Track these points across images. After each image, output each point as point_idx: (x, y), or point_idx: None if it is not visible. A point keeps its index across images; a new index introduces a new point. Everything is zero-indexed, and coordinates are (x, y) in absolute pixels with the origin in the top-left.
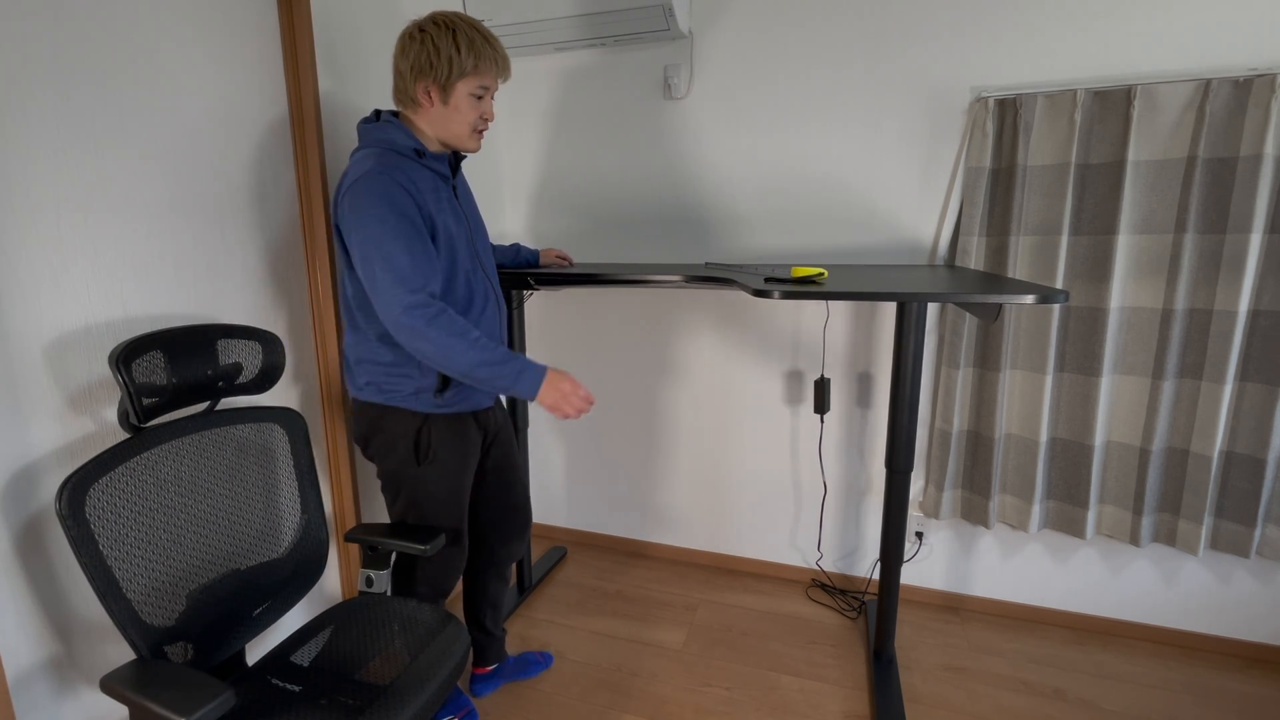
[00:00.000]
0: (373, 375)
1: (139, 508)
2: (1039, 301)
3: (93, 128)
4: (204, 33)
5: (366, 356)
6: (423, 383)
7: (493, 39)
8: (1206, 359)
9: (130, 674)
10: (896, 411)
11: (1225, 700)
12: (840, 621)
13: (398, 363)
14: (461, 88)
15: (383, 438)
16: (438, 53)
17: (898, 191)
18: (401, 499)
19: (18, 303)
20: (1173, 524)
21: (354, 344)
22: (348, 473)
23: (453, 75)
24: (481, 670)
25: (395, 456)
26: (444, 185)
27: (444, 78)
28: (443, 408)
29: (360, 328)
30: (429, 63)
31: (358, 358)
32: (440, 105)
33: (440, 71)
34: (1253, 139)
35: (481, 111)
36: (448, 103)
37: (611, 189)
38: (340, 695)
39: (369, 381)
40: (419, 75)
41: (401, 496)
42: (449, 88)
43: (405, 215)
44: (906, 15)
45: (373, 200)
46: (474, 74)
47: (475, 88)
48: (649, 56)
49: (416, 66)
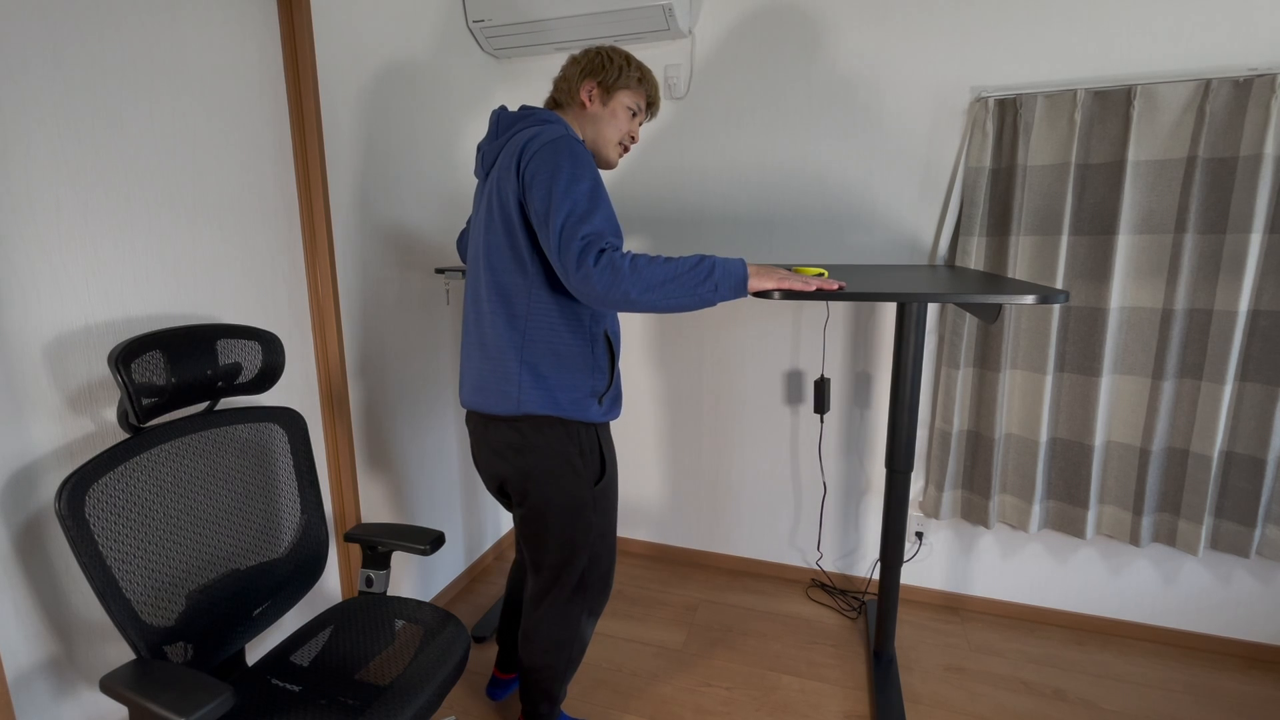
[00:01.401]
0: (544, 375)
1: (138, 508)
2: (1039, 301)
3: (93, 128)
4: (204, 33)
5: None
6: (595, 383)
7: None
8: (1206, 359)
9: (130, 674)
10: (896, 411)
11: (1225, 700)
12: (840, 621)
13: (576, 353)
14: (623, 97)
15: (557, 459)
16: (610, 61)
17: (898, 191)
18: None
19: (18, 302)
20: (1173, 524)
21: (521, 340)
22: (348, 473)
23: (619, 81)
24: (507, 675)
25: (572, 478)
26: None
27: (611, 81)
28: (604, 416)
29: (535, 312)
30: (601, 65)
31: (525, 357)
32: (600, 107)
33: (609, 75)
34: (1253, 139)
35: (631, 129)
36: (607, 105)
37: (611, 189)
38: (340, 695)
39: (536, 385)
40: (586, 75)
41: (576, 526)
42: (612, 91)
43: (599, 181)
44: (907, 15)
45: (574, 158)
46: (637, 88)
47: (632, 102)
48: (649, 56)
49: (588, 68)
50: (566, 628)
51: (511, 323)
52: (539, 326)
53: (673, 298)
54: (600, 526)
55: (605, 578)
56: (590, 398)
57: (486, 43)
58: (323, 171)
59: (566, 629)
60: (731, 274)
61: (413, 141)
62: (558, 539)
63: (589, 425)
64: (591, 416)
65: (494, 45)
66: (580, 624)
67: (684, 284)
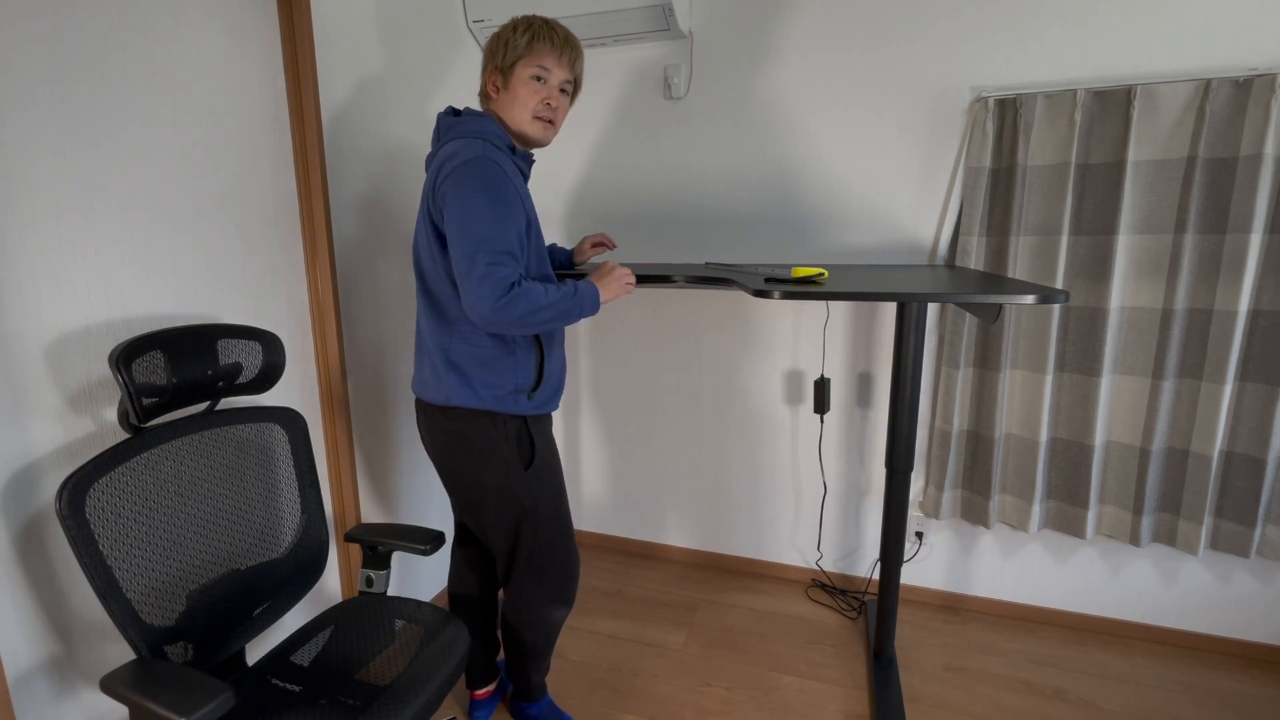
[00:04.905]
0: (468, 374)
1: (139, 508)
2: (1039, 301)
3: (93, 128)
4: (204, 33)
5: (463, 354)
6: (520, 381)
7: (557, 25)
8: (1206, 359)
9: (130, 674)
10: (896, 411)
11: (1225, 700)
12: (840, 621)
13: (497, 357)
14: (520, 70)
15: (481, 445)
16: (498, 40)
17: (898, 191)
18: (510, 509)
19: (18, 303)
20: (1173, 524)
21: (445, 342)
22: (348, 473)
23: (508, 56)
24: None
25: (499, 464)
26: (523, 183)
27: (501, 60)
28: (535, 409)
29: (458, 320)
30: (491, 50)
31: (451, 358)
32: (504, 92)
33: (498, 55)
34: (1253, 139)
35: (543, 95)
36: (509, 87)
37: (611, 189)
38: (340, 695)
39: (461, 383)
40: (486, 66)
41: (509, 507)
42: (509, 72)
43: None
44: (907, 15)
45: (484, 182)
46: (528, 54)
47: (533, 68)
48: (649, 56)
49: (486, 58)
50: (530, 609)
51: (440, 325)
52: (462, 333)
53: (552, 323)
54: (542, 512)
55: (565, 565)
56: (515, 394)
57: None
58: (323, 171)
59: (529, 610)
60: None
61: (412, 141)
62: (493, 521)
63: (517, 417)
64: (519, 409)
65: None
66: (545, 609)
67: (563, 311)
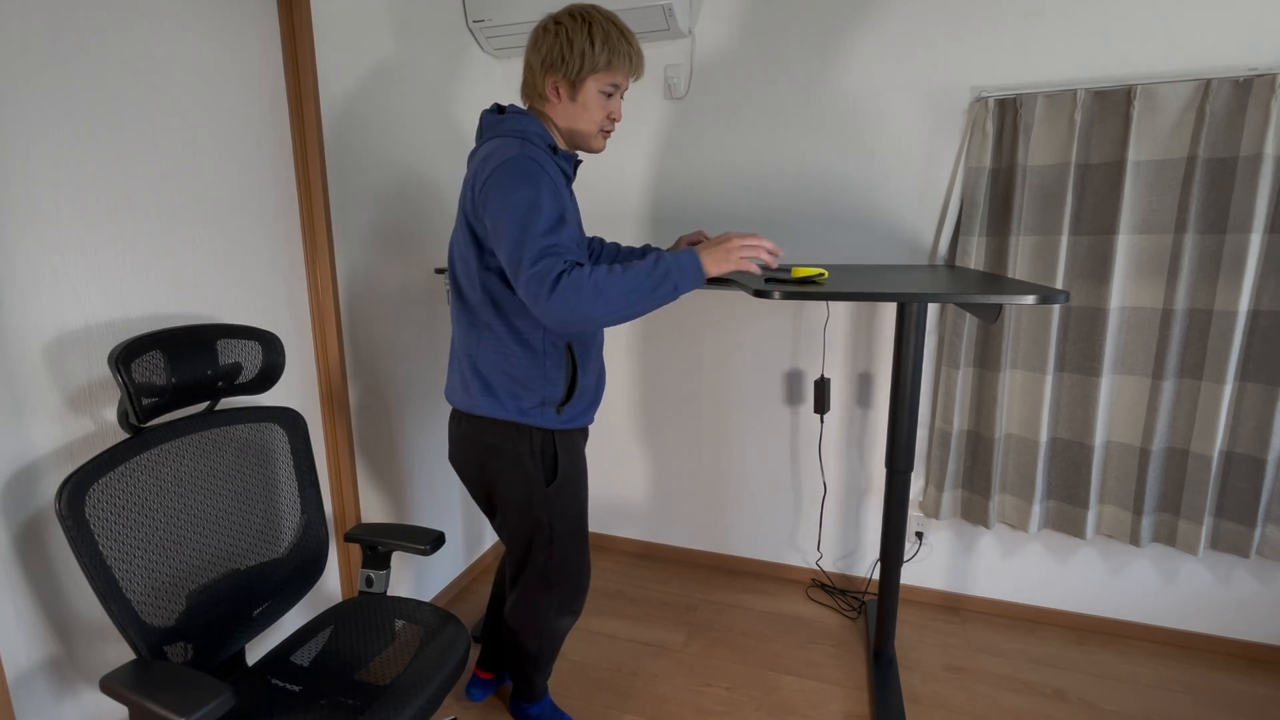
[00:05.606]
0: (493, 385)
1: (139, 508)
2: (1039, 302)
3: (92, 128)
4: (204, 32)
5: (490, 363)
6: (548, 393)
7: (629, 35)
8: (1206, 359)
9: (130, 674)
10: (896, 411)
11: (1225, 700)
12: (840, 621)
13: (524, 367)
14: (592, 84)
15: (504, 455)
16: (570, 46)
17: (898, 191)
18: (526, 522)
19: (18, 303)
20: (1173, 524)
21: (474, 349)
22: (348, 473)
23: (584, 70)
24: (487, 675)
25: (520, 476)
26: (566, 185)
27: (574, 72)
28: (564, 423)
29: (488, 326)
30: (560, 57)
31: (478, 366)
32: (568, 102)
33: (571, 66)
34: (1253, 139)
35: (609, 111)
36: (576, 99)
37: (611, 188)
38: (340, 695)
39: (486, 393)
40: (548, 70)
41: (526, 519)
42: (578, 84)
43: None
44: (907, 15)
45: (522, 180)
46: (606, 70)
47: (606, 85)
48: (649, 56)
49: (547, 61)
50: (536, 616)
51: (469, 330)
52: (491, 339)
53: (635, 306)
54: (558, 529)
55: (574, 579)
56: (542, 407)
57: (486, 43)
58: (323, 171)
59: (536, 617)
60: (686, 269)
61: (412, 141)
62: (511, 532)
63: (544, 430)
64: (546, 423)
65: (494, 45)
66: (550, 617)
67: (644, 291)
